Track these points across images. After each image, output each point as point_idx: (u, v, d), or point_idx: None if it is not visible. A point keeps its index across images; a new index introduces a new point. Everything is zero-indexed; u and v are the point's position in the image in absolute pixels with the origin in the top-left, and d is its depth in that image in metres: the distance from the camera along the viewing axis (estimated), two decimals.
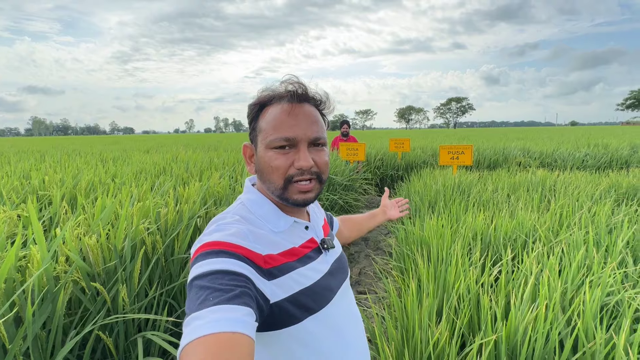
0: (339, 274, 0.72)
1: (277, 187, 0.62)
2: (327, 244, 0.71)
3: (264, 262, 0.57)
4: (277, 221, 0.65)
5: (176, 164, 4.25)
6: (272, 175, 0.62)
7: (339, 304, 0.68)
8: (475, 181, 4.09)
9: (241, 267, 0.51)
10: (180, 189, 2.51)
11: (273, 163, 0.61)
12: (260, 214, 0.65)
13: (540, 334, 1.17)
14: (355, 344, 0.69)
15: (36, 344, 1.22)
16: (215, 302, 0.45)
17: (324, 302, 0.64)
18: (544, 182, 3.87)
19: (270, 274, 0.57)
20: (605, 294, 1.40)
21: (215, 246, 0.53)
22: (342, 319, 0.68)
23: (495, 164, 7.13)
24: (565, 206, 2.77)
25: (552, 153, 7.45)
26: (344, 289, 0.72)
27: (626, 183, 3.70)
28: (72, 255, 1.33)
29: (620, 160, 6.81)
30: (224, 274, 0.49)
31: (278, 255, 0.60)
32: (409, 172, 7.28)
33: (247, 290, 0.49)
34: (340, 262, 0.75)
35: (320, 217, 0.80)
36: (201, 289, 0.47)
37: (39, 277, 1.25)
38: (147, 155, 5.71)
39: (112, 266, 1.52)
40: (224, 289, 0.46)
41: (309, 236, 0.69)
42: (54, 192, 2.25)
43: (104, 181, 2.89)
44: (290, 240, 0.64)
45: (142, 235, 1.67)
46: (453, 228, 2.41)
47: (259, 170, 0.65)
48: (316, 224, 0.74)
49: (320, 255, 0.69)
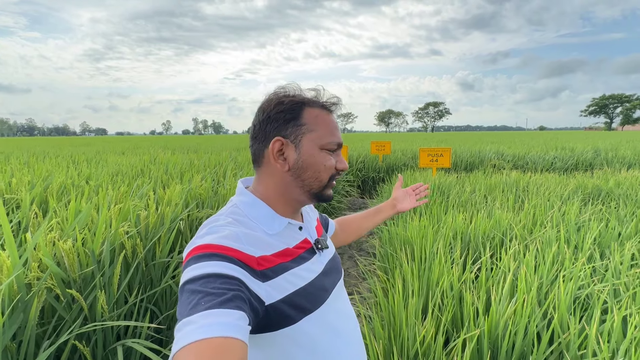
0: (333, 274, 0.73)
1: (322, 184, 0.67)
2: (321, 244, 0.72)
3: (257, 264, 0.57)
4: (271, 223, 0.65)
5: (155, 165, 4.12)
6: (322, 174, 0.66)
7: (334, 304, 0.69)
8: (454, 183, 4.22)
9: (233, 270, 0.51)
10: (161, 191, 2.44)
11: (327, 163, 0.66)
12: (254, 216, 0.65)
13: (520, 328, 1.22)
14: (351, 344, 0.70)
15: (6, 356, 1.14)
16: (207, 306, 0.44)
17: (318, 302, 0.64)
18: (517, 184, 4.06)
19: (264, 275, 0.57)
20: (577, 288, 1.48)
21: (207, 249, 0.52)
22: (337, 318, 0.68)
23: (471, 166, 7.40)
24: (537, 206, 2.92)
25: (524, 156, 7.83)
26: (338, 289, 0.73)
27: (591, 184, 3.95)
28: (46, 261, 1.26)
29: (585, 162, 7.25)
30: (216, 278, 0.48)
31: (272, 256, 0.60)
32: (390, 174, 7.42)
33: (239, 294, 0.48)
34: (334, 262, 0.76)
35: (313, 217, 0.80)
36: (193, 293, 0.46)
37: (9, 285, 1.18)
38: (122, 157, 5.49)
39: (89, 272, 1.45)
40: (216, 293, 0.46)
41: (302, 237, 0.69)
42: (22, 195, 2.12)
43: (77, 184, 2.75)
44: (284, 242, 0.65)
45: (121, 239, 1.61)
46: (435, 228, 2.48)
47: (302, 168, 0.65)
48: (309, 225, 0.75)
49: (314, 256, 0.69)
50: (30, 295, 1.21)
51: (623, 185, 3.87)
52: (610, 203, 3.18)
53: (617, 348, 1.19)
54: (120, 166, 4.01)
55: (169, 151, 7.13)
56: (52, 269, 1.29)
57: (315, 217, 0.82)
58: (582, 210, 2.91)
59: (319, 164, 0.65)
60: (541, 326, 1.33)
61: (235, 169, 4.00)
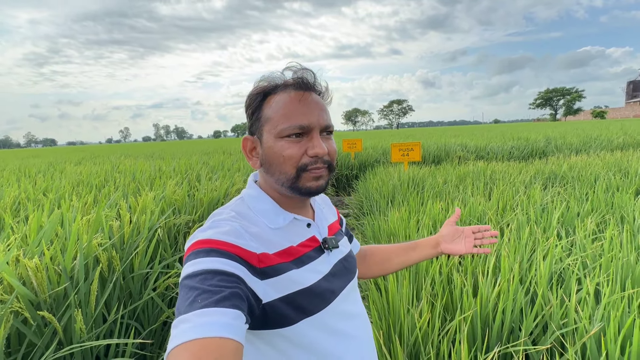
0: (344, 275, 0.69)
1: (289, 177, 0.60)
2: (329, 243, 0.68)
3: (258, 261, 0.55)
4: (275, 217, 0.63)
5: (120, 174, 3.86)
6: (284, 166, 0.60)
7: (341, 306, 0.65)
8: (426, 175, 4.38)
9: (232, 267, 0.50)
10: (132, 199, 2.28)
11: (285, 152, 0.59)
12: (259, 209, 0.63)
13: (508, 305, 1.29)
14: (359, 347, 0.66)
15: None
16: (203, 304, 0.43)
17: (322, 304, 0.62)
18: (484, 172, 4.30)
19: (263, 273, 0.55)
20: (554, 263, 1.60)
21: (207, 244, 0.51)
22: (343, 321, 0.65)
23: (439, 159, 7.73)
24: (505, 192, 3.11)
25: (485, 147, 8.33)
26: (347, 291, 0.69)
27: (548, 169, 4.28)
28: (12, 281, 1.13)
29: (538, 150, 7.86)
30: (213, 274, 0.47)
31: (273, 255, 0.58)
32: (363, 171, 7.55)
33: (237, 291, 0.47)
34: (346, 262, 0.72)
35: (328, 215, 0.76)
36: (190, 289, 0.46)
37: None
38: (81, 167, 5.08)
39: (61, 290, 1.32)
40: (213, 290, 0.45)
41: (310, 234, 0.66)
42: None
43: (33, 197, 2.50)
44: (288, 239, 0.62)
45: (95, 251, 1.48)
46: (415, 218, 2.56)
47: (267, 162, 0.62)
48: (320, 222, 0.71)
49: (321, 255, 0.66)
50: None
51: (574, 168, 4.24)
52: (566, 185, 3.46)
53: (592, 314, 1.29)
54: (81, 176, 3.71)
55: (131, 158, 6.72)
56: (18, 290, 1.16)
57: (331, 215, 0.78)
58: (543, 193, 3.14)
59: (278, 156, 0.59)
60: (524, 301, 1.41)
61: (209, 172, 3.86)
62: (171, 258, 1.88)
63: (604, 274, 1.53)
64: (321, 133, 0.62)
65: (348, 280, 0.70)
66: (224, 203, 3.10)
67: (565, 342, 1.20)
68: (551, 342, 1.24)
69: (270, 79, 0.63)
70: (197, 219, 2.37)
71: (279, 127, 0.59)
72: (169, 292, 1.85)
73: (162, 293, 1.79)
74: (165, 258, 1.88)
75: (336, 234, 0.74)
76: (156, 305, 1.73)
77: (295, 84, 0.61)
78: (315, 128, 0.61)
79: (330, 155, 0.63)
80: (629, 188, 3.01)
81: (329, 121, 0.63)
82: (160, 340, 1.74)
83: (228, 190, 3.06)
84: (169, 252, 1.92)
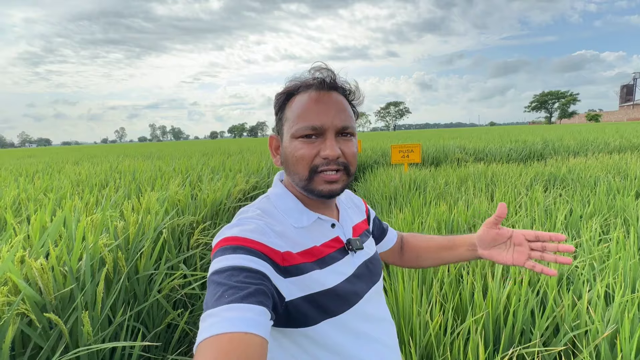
0: (368, 278, 0.68)
1: (302, 177, 0.60)
2: (354, 244, 0.67)
3: (282, 260, 0.55)
4: (299, 216, 0.63)
5: (119, 174, 3.83)
6: (297, 166, 0.60)
7: (364, 308, 0.64)
8: (427, 176, 4.39)
9: (257, 264, 0.51)
10: (135, 199, 2.26)
11: (297, 153, 0.59)
12: (283, 208, 0.63)
13: (520, 307, 1.28)
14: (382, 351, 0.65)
15: None
16: (229, 299, 0.45)
17: (345, 306, 0.61)
18: (485, 174, 4.32)
19: (287, 271, 0.56)
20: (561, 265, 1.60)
21: (233, 242, 0.53)
22: (366, 323, 0.64)
23: (438, 161, 7.76)
24: (507, 193, 3.12)
25: (484, 149, 8.38)
26: (372, 293, 0.68)
27: (547, 171, 4.31)
28: (18, 282, 1.10)
29: (536, 153, 7.92)
30: (240, 271, 0.49)
31: (297, 255, 0.58)
32: (362, 172, 7.55)
33: (262, 288, 0.48)
34: (372, 264, 0.70)
35: (353, 215, 0.75)
36: (218, 285, 0.47)
37: None
38: (80, 167, 5.02)
39: (67, 292, 1.29)
40: (239, 287, 0.46)
41: (334, 235, 0.65)
42: None
43: (34, 197, 2.47)
44: (312, 239, 0.62)
45: (101, 252, 1.46)
46: (419, 219, 2.55)
47: (285, 162, 0.63)
48: (345, 223, 0.70)
49: (345, 257, 0.65)
50: (1, 324, 1.05)
51: (574, 171, 4.27)
52: (566, 187, 3.48)
53: (603, 314, 1.29)
54: (80, 176, 3.67)
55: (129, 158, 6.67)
56: (25, 291, 1.13)
57: (357, 216, 0.76)
58: (544, 195, 3.16)
59: (291, 156, 0.60)
60: (534, 302, 1.41)
61: (210, 173, 3.83)
62: (175, 259, 1.86)
63: (613, 275, 1.53)
64: (339, 134, 0.61)
65: (372, 283, 0.69)
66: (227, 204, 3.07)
67: (578, 343, 1.20)
68: (565, 344, 1.23)
69: (298, 80, 0.63)
70: (200, 220, 2.35)
71: (294, 128, 0.60)
72: (174, 293, 1.82)
73: (167, 295, 1.77)
74: (170, 259, 1.86)
75: (361, 235, 0.72)
76: (161, 307, 1.71)
77: (316, 84, 0.61)
78: (329, 129, 0.59)
79: (347, 157, 0.61)
80: (630, 190, 3.03)
81: (348, 122, 0.62)
82: (165, 342, 1.71)
83: (230, 191, 3.04)
84: (174, 253, 1.90)
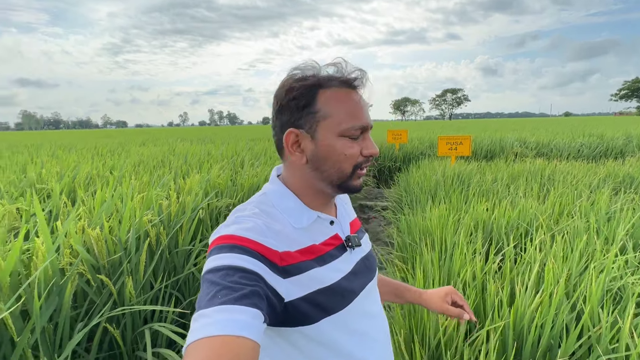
0: (365, 274, 0.69)
1: (345, 174, 0.61)
2: (352, 241, 0.67)
3: (280, 259, 0.55)
4: (299, 216, 0.62)
5: (174, 156, 4.21)
6: (343, 164, 0.60)
7: (361, 306, 0.65)
8: (474, 171, 4.10)
9: (253, 265, 0.50)
10: (181, 181, 2.49)
11: (347, 151, 0.60)
12: (283, 207, 0.62)
13: (548, 320, 1.18)
14: (378, 348, 0.66)
15: (44, 337, 1.21)
16: (222, 300, 0.44)
17: (343, 303, 0.62)
18: (542, 172, 3.90)
19: (286, 271, 0.55)
20: (610, 280, 1.42)
21: (230, 240, 0.52)
22: (363, 321, 0.65)
23: (492, 155, 7.17)
24: (564, 195, 2.80)
25: (549, 143, 7.51)
26: (368, 290, 0.68)
27: (623, 172, 3.74)
28: (78, 247, 1.31)
29: (615, 149, 6.88)
30: (235, 271, 0.48)
31: (296, 253, 0.58)
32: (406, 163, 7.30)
33: (257, 290, 0.48)
34: (368, 261, 0.71)
35: (349, 211, 0.76)
36: (212, 284, 0.47)
37: (45, 270, 1.24)
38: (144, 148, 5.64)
39: (116, 258, 1.50)
40: (234, 287, 0.46)
41: (333, 232, 0.66)
42: (52, 185, 2.21)
43: (102, 174, 2.85)
44: (311, 237, 0.62)
45: (145, 227, 1.66)
46: (455, 217, 2.43)
47: (320, 159, 0.61)
48: (343, 219, 0.70)
49: (344, 254, 0.65)
50: (64, 280, 1.27)
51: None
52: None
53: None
54: (142, 157, 4.11)
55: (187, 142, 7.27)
56: (82, 255, 1.35)
57: (352, 212, 0.77)
58: (612, 199, 2.77)
59: (339, 154, 0.59)
60: (569, 319, 1.28)
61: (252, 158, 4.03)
62: None
63: None
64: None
65: (369, 280, 0.70)
66: None
67: None
68: None
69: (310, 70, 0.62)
70: (237, 203, 2.51)
71: (343, 126, 0.59)
72: None
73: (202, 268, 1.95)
74: (206, 237, 2.04)
75: (358, 232, 0.73)
76: (196, 279, 1.89)
77: (353, 83, 0.61)
78: (369, 129, 0.62)
79: None
80: None
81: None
82: None
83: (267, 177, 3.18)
84: (210, 232, 2.07)
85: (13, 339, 1.14)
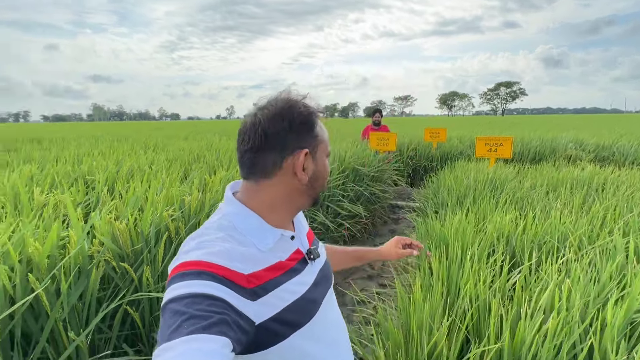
0: (324, 283, 0.72)
1: (324, 189, 0.72)
2: (314, 253, 0.70)
3: (247, 282, 0.55)
4: (263, 237, 0.62)
5: (209, 151, 4.48)
6: (325, 180, 0.71)
7: (324, 314, 0.68)
8: (511, 176, 3.82)
9: (220, 291, 0.49)
10: (208, 177, 2.66)
11: (328, 170, 0.71)
12: (244, 228, 0.61)
13: (546, 349, 1.10)
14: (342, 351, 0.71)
15: (73, 313, 1.41)
16: (190, 330, 0.43)
17: (309, 315, 0.64)
18: (591, 180, 3.51)
19: (254, 293, 0.55)
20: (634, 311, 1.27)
21: (194, 266, 0.51)
22: (327, 328, 0.68)
23: (540, 157, 6.57)
24: (610, 208, 2.51)
25: (611, 145, 6.67)
26: (328, 298, 0.72)
27: None
28: (102, 238, 1.49)
29: None
30: (202, 298, 0.47)
31: (262, 272, 0.58)
32: (443, 163, 6.98)
33: (225, 318, 0.47)
34: (325, 270, 0.74)
35: (304, 225, 0.78)
36: (176, 314, 0.45)
37: (75, 256, 1.43)
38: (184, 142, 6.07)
39: (138, 249, 1.68)
40: (201, 316, 0.44)
41: (294, 247, 0.68)
42: (97, 177, 2.50)
43: (142, 168, 3.14)
44: (277, 255, 0.63)
45: (166, 221, 1.82)
46: (477, 227, 2.30)
47: (318, 178, 0.68)
48: (301, 234, 0.73)
49: (306, 267, 0.68)
50: (91, 265, 1.46)
51: None
52: None
53: None
54: (182, 152, 4.43)
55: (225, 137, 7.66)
56: (108, 245, 1.53)
57: (306, 225, 0.80)
58: None
59: (326, 172, 0.70)
60: (577, 350, 1.18)
61: None
62: None
63: None
64: None
65: (328, 287, 0.73)
66: None
67: None
68: None
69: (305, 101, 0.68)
70: None
71: (328, 149, 0.70)
72: None
73: None
74: None
75: (313, 242, 0.76)
76: None
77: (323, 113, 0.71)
78: None
79: None
80: None
81: None
82: None
83: None
84: None
85: (47, 313, 1.34)
